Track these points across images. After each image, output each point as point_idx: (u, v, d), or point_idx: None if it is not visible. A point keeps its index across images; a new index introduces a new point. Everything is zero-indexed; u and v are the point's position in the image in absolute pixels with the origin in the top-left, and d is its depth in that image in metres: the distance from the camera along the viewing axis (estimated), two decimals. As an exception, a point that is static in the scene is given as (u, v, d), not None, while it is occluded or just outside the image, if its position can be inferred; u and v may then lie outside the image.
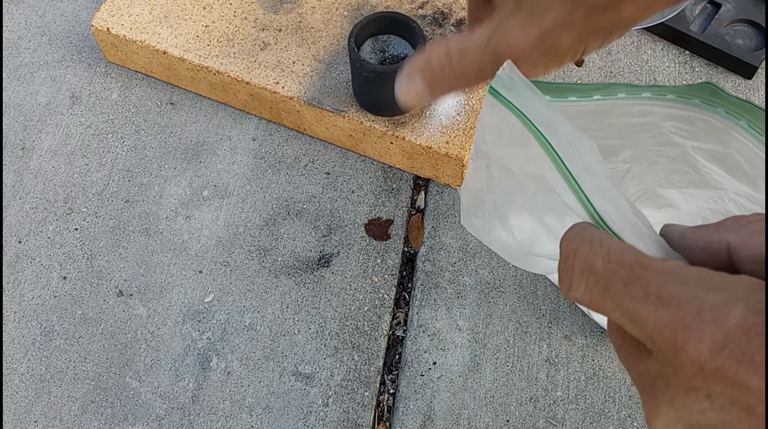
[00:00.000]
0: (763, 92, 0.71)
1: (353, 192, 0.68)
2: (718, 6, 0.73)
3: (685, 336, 0.25)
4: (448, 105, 0.65)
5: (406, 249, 0.66)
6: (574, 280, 0.28)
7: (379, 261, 0.65)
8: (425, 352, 0.61)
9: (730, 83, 0.72)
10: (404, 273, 0.65)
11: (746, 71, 0.71)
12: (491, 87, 0.38)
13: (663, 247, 0.33)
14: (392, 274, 0.64)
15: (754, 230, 0.29)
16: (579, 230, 0.30)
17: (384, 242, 0.66)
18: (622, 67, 0.73)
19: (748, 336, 0.24)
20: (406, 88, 0.34)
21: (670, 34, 0.73)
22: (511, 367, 0.60)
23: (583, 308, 0.61)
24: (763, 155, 0.47)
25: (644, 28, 0.74)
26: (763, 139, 0.47)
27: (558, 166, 0.37)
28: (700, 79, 0.72)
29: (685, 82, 0.72)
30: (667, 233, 0.32)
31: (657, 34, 0.74)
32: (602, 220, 0.34)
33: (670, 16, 0.72)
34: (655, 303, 0.26)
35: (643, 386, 0.28)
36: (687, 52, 0.73)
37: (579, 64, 0.73)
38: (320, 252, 0.65)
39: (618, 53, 0.74)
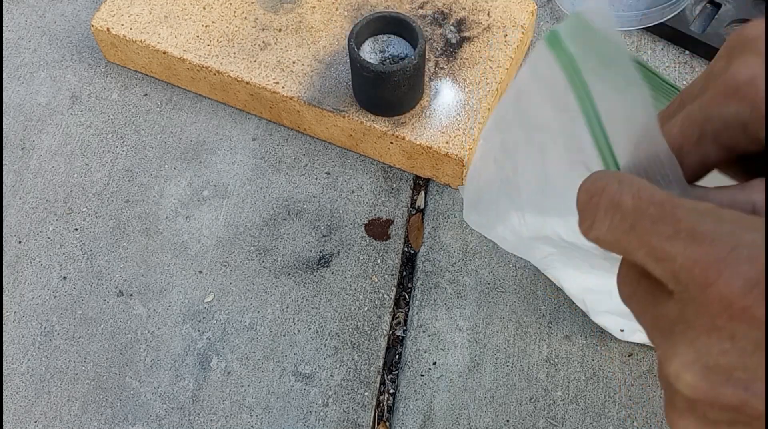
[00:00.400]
0: (763, 92, 0.71)
1: (353, 192, 0.68)
2: (718, 6, 0.73)
3: (718, 272, 0.24)
4: (448, 105, 0.65)
5: (406, 249, 0.66)
6: (598, 218, 0.27)
7: (379, 261, 0.65)
8: (425, 352, 0.61)
9: (730, 83, 0.72)
10: (404, 273, 0.65)
11: (746, 71, 0.71)
12: (554, 32, 0.35)
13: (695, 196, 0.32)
14: (392, 274, 0.64)
15: None
16: (605, 172, 0.29)
17: (384, 242, 0.66)
18: (622, 67, 0.73)
19: None
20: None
21: (670, 34, 0.73)
22: (511, 367, 0.60)
23: (581, 308, 0.61)
24: None
25: (644, 28, 0.74)
26: None
27: (593, 132, 0.35)
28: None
29: (685, 83, 0.72)
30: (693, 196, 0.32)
31: (657, 34, 0.74)
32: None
33: (671, 16, 0.72)
34: (686, 239, 0.25)
35: (660, 330, 0.27)
36: (687, 52, 0.73)
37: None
38: (320, 252, 0.65)
39: (618, 53, 0.74)
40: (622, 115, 0.34)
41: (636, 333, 0.59)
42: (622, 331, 0.59)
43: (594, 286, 0.58)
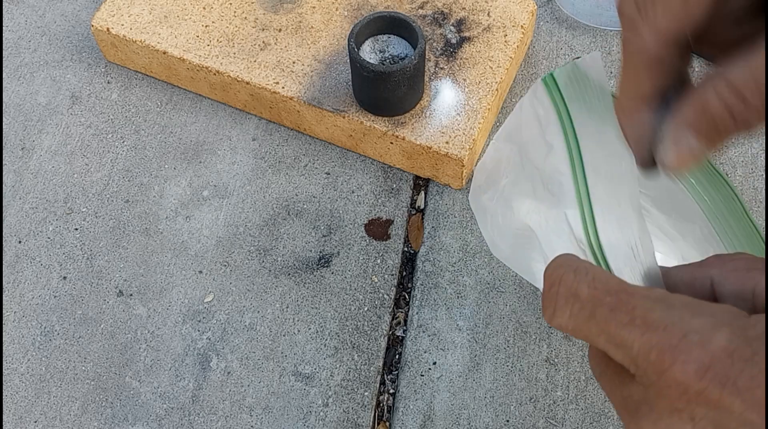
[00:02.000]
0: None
1: (353, 192, 0.68)
2: (718, 6, 0.73)
3: (672, 357, 0.25)
4: (448, 105, 0.65)
5: (406, 249, 0.66)
6: (558, 307, 0.29)
7: (379, 261, 0.65)
8: (425, 352, 0.61)
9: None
10: (404, 273, 0.65)
11: (746, 71, 0.71)
12: (551, 74, 0.38)
13: (654, 278, 0.33)
14: (392, 274, 0.64)
15: (737, 267, 0.30)
16: (563, 259, 0.30)
17: (384, 242, 0.66)
18: (622, 67, 0.73)
19: (732, 359, 0.24)
20: (676, 153, 0.28)
21: (670, 34, 0.73)
22: (511, 367, 0.61)
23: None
24: None
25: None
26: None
27: (574, 173, 0.37)
28: (699, 79, 0.72)
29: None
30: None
31: (657, 34, 0.74)
32: (596, 235, 0.34)
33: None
34: (641, 327, 0.26)
35: (626, 411, 0.28)
36: (687, 52, 0.73)
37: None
38: (320, 252, 0.65)
39: (618, 53, 0.74)
40: (605, 170, 0.36)
41: None
42: None
43: None
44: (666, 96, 0.31)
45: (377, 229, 0.66)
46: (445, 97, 0.65)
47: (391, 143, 0.65)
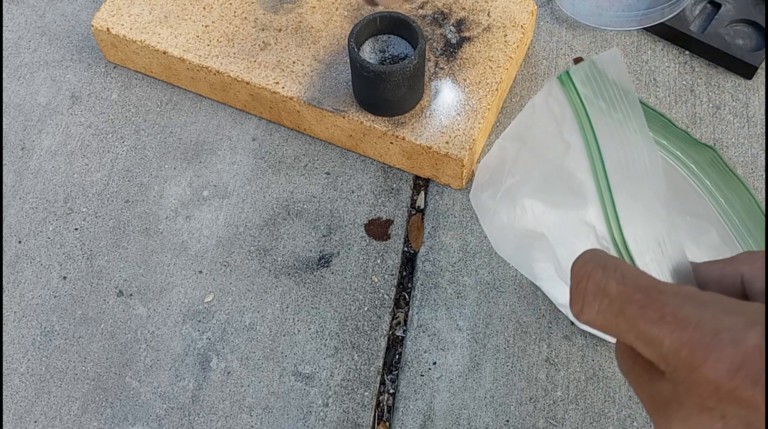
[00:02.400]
0: (762, 92, 0.71)
1: (353, 192, 0.68)
2: (718, 6, 0.73)
3: (704, 356, 0.25)
4: (448, 105, 0.65)
5: (406, 249, 0.66)
6: (587, 303, 0.28)
7: (379, 261, 0.65)
8: (425, 352, 0.61)
9: (731, 83, 0.72)
10: (404, 273, 0.65)
11: (746, 71, 0.71)
12: (566, 72, 0.37)
13: (684, 273, 0.33)
14: (392, 274, 0.64)
15: None
16: (591, 255, 0.30)
17: (384, 242, 0.66)
18: (622, 67, 0.73)
19: (765, 358, 0.24)
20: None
21: (670, 34, 0.73)
22: (511, 367, 0.60)
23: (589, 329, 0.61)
24: None
25: (644, 29, 0.74)
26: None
27: (595, 173, 0.36)
28: (701, 79, 0.72)
29: (686, 82, 0.72)
30: None
31: (657, 34, 0.74)
32: (621, 233, 0.34)
33: (671, 17, 0.72)
34: (672, 324, 0.26)
35: (655, 408, 0.28)
36: (687, 52, 0.73)
37: (577, 61, 0.73)
38: (320, 252, 0.65)
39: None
40: (629, 170, 0.35)
41: None
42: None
43: None
44: None
45: (377, 229, 0.66)
46: (445, 97, 0.65)
47: (391, 143, 0.65)
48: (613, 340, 0.59)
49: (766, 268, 0.29)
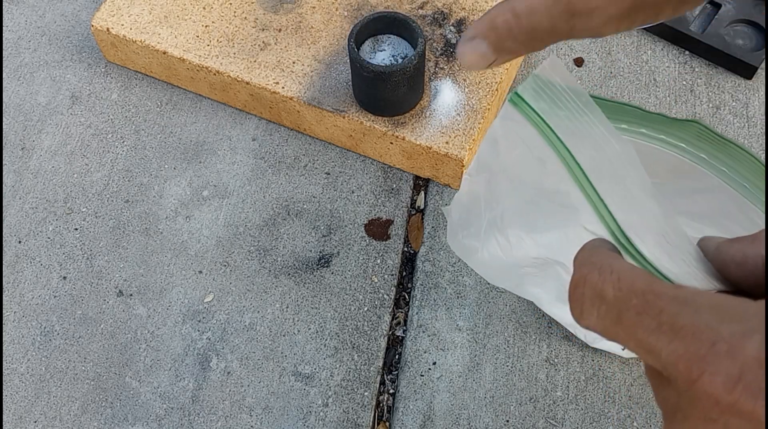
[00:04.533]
0: (762, 92, 0.71)
1: (353, 192, 0.68)
2: (718, 6, 0.73)
3: (700, 369, 0.24)
4: (448, 105, 0.65)
5: (406, 249, 0.66)
6: (585, 309, 0.28)
7: (379, 261, 0.65)
8: (425, 352, 0.61)
9: (731, 83, 0.72)
10: (404, 273, 0.65)
11: (746, 71, 0.71)
12: (516, 93, 0.37)
13: (696, 257, 0.32)
14: (392, 274, 0.64)
15: None
16: (588, 254, 0.29)
17: (384, 242, 0.66)
18: (622, 67, 0.73)
19: (765, 369, 0.23)
20: (469, 50, 0.32)
21: (670, 34, 0.73)
22: (511, 367, 0.60)
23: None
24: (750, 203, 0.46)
25: (644, 29, 0.74)
26: (737, 186, 0.47)
27: (576, 179, 0.36)
28: (701, 79, 0.72)
29: (686, 82, 0.72)
30: (703, 247, 0.32)
31: (657, 34, 0.74)
32: (623, 234, 0.33)
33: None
34: (668, 333, 0.25)
35: (665, 412, 0.27)
36: (687, 52, 0.73)
37: (579, 63, 0.73)
38: (320, 252, 0.65)
39: (618, 53, 0.74)
40: (606, 167, 0.35)
41: None
42: (623, 348, 0.59)
43: None
44: None
45: (377, 229, 0.66)
46: (445, 97, 0.65)
47: (391, 143, 0.65)
48: (623, 352, 0.59)
49: (766, 272, 0.29)
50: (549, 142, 0.37)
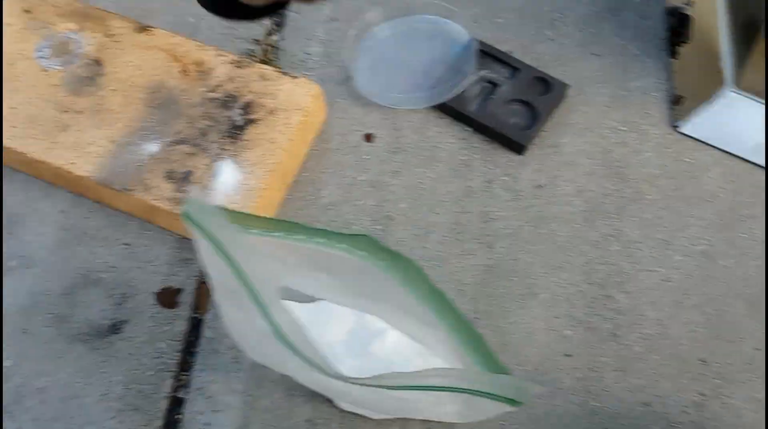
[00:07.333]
0: (532, 167, 0.77)
1: (150, 262, 0.73)
2: (496, 85, 0.79)
3: None
4: (229, 185, 0.70)
5: (195, 315, 0.71)
6: None
7: (167, 327, 0.71)
8: (200, 414, 0.67)
9: (504, 159, 0.78)
10: (192, 338, 0.71)
11: (518, 148, 0.77)
12: (182, 212, 0.45)
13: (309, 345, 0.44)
14: (177, 340, 0.70)
15: None
16: None
17: (173, 310, 0.71)
18: (409, 143, 0.79)
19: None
20: None
21: (453, 112, 0.79)
22: (277, 426, 0.66)
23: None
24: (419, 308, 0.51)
25: (431, 107, 0.80)
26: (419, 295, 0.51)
27: (243, 284, 0.45)
28: (478, 154, 0.78)
29: (464, 157, 0.78)
30: None
31: (443, 111, 0.80)
32: (280, 329, 0.45)
33: (450, 96, 0.78)
34: None
35: None
36: (468, 128, 0.79)
37: (369, 139, 0.79)
38: (113, 319, 0.71)
39: (406, 130, 0.80)
40: (257, 274, 0.45)
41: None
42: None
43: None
44: None
45: (167, 298, 0.72)
46: (226, 177, 0.71)
47: (175, 220, 0.70)
48: (375, 415, 0.66)
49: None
50: (217, 252, 0.45)
